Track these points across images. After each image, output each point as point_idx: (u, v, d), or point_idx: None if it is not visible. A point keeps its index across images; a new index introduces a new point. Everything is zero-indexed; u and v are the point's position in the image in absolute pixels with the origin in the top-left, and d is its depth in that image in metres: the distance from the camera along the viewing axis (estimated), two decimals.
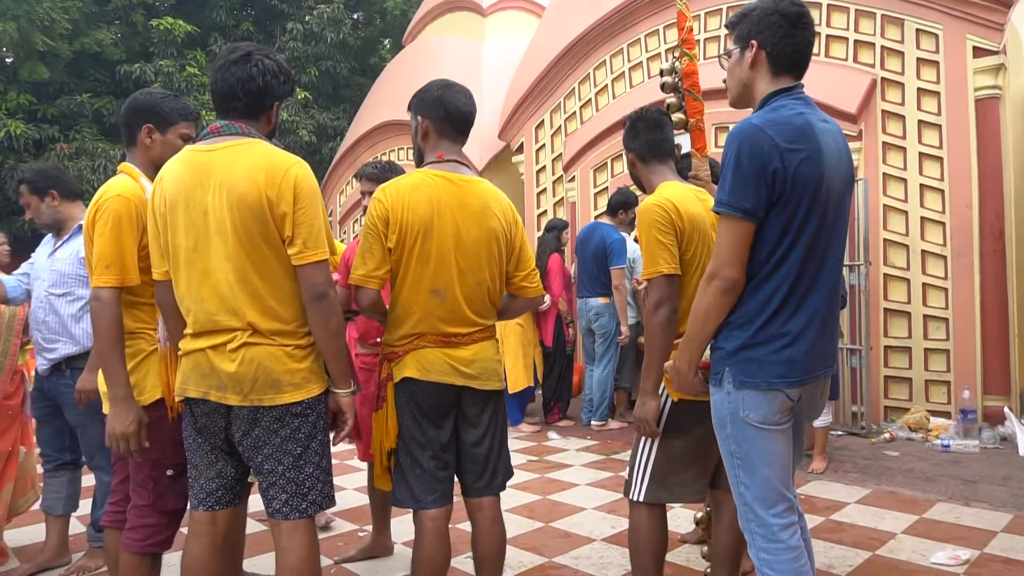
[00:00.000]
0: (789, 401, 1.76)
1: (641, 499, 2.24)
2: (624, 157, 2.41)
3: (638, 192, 3.40)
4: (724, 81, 1.95)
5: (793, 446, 1.89)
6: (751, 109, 1.91)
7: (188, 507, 2.00)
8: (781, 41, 1.79)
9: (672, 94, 2.55)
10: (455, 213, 2.15)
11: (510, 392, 5.58)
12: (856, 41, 5.73)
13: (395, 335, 2.17)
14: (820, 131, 1.75)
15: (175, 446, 2.12)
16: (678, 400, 2.16)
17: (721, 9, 6.36)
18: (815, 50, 5.83)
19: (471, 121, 2.29)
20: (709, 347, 1.86)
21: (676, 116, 2.49)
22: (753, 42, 1.81)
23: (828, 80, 5.75)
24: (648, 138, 2.37)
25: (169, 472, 2.13)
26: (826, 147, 1.74)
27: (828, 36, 5.86)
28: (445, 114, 2.23)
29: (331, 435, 2.03)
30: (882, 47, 5.61)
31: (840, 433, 5.39)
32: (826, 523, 3.50)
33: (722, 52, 1.93)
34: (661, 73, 2.56)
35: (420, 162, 2.30)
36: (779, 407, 1.74)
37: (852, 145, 5.65)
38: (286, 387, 1.86)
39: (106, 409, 2.13)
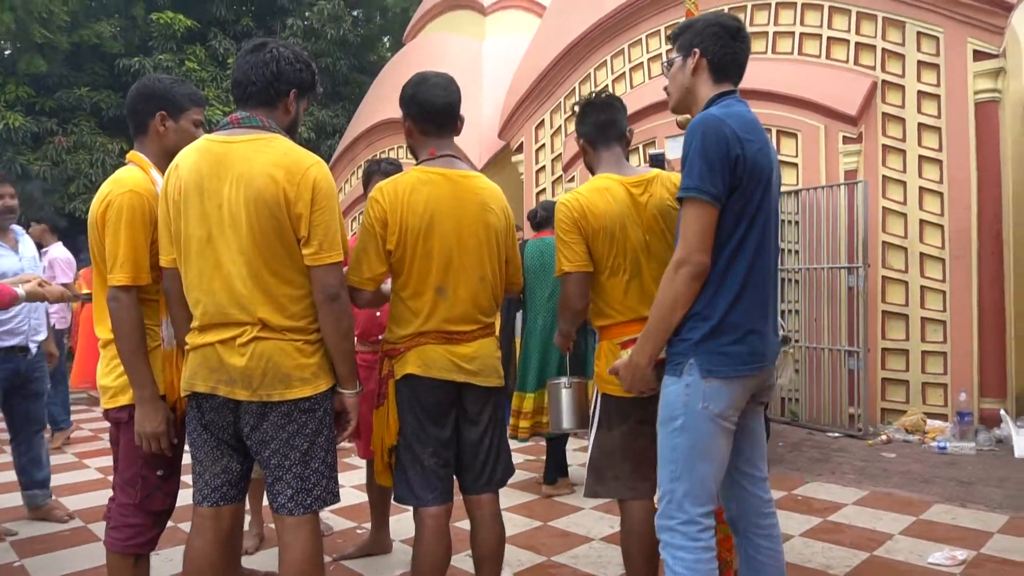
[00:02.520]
0: (745, 394, 1.81)
1: (584, 494, 2.30)
2: (580, 146, 2.39)
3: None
4: (665, 89, 2.04)
5: (755, 437, 1.95)
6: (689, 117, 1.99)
7: (192, 502, 1.98)
8: (721, 51, 1.90)
9: None
10: (455, 210, 2.14)
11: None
12: (857, 43, 5.75)
13: (399, 333, 2.17)
14: (761, 127, 1.87)
15: (170, 446, 2.09)
16: (606, 394, 2.22)
17: (723, 10, 6.37)
18: (816, 52, 5.92)
19: (452, 111, 2.24)
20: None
21: (682, 117, 2.49)
22: (696, 50, 1.90)
23: (829, 82, 5.78)
24: (596, 119, 2.32)
25: (159, 472, 2.09)
26: (770, 143, 1.86)
27: (829, 38, 5.88)
28: (420, 111, 2.21)
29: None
30: (883, 50, 5.63)
31: (837, 435, 5.41)
32: (824, 524, 3.51)
33: (664, 62, 2.01)
34: (665, 88, 2.56)
35: (416, 160, 2.28)
36: (737, 399, 1.78)
37: (851, 147, 5.69)
38: (295, 382, 1.85)
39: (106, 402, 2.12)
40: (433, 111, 2.21)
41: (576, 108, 2.41)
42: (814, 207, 5.72)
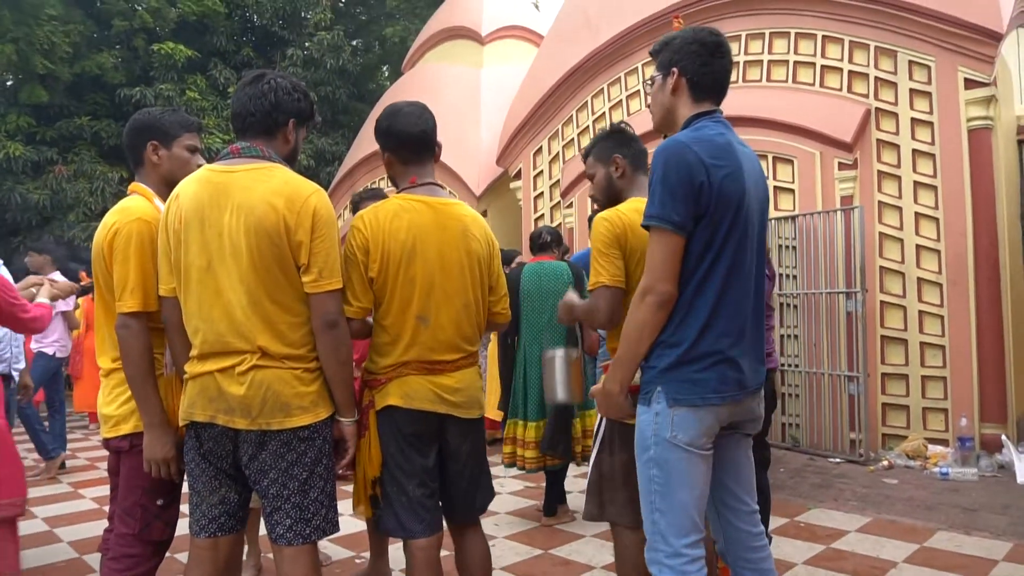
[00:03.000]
0: (717, 423, 1.76)
1: (583, 517, 2.29)
2: (604, 169, 2.37)
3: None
4: (648, 105, 2.03)
5: (739, 470, 1.89)
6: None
7: (189, 533, 1.96)
8: (701, 69, 1.87)
9: None
10: (437, 237, 2.13)
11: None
12: (850, 72, 5.83)
13: (380, 363, 2.13)
14: (739, 152, 1.82)
15: (178, 471, 2.08)
16: (609, 419, 2.20)
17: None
18: (810, 80, 6.00)
19: (427, 139, 2.24)
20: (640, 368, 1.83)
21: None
22: (674, 69, 1.88)
23: (823, 110, 5.84)
24: (639, 148, 2.38)
25: (159, 501, 2.08)
26: (745, 166, 1.81)
27: (823, 67, 5.97)
28: (397, 143, 2.22)
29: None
30: (876, 78, 5.71)
31: (839, 460, 5.37)
32: (827, 551, 3.47)
33: (646, 80, 2.00)
34: (648, 106, 2.60)
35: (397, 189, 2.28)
36: (708, 427, 1.74)
37: (847, 174, 5.73)
38: (295, 410, 1.85)
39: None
40: (409, 140, 2.21)
41: (619, 127, 2.44)
42: (811, 232, 5.76)
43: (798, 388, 5.88)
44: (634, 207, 2.22)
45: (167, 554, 2.21)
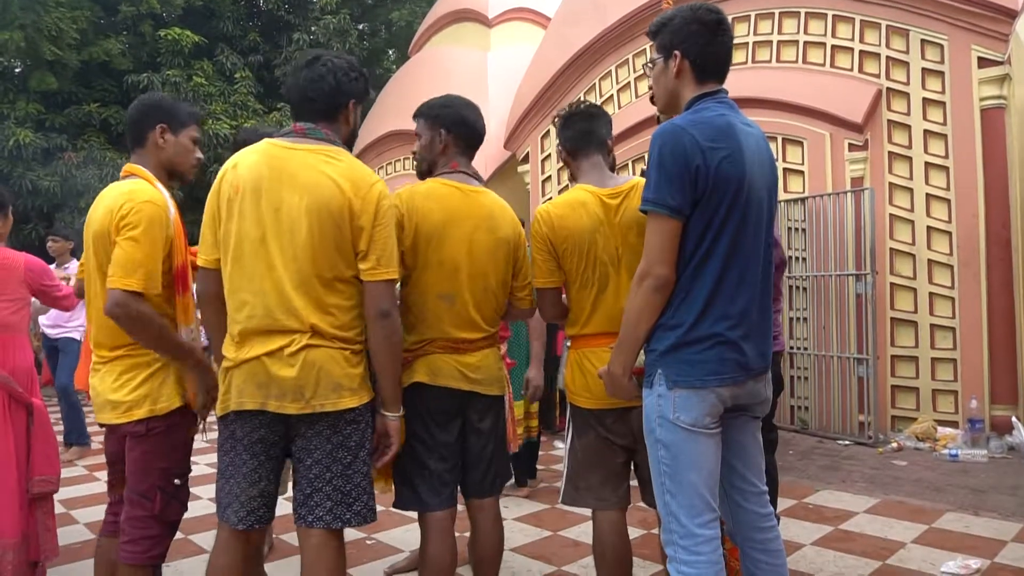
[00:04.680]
0: (720, 404, 1.75)
1: (561, 501, 2.33)
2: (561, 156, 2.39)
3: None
4: (650, 87, 1.99)
5: (747, 451, 1.89)
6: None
7: (221, 520, 1.93)
8: (704, 50, 1.83)
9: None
10: (467, 221, 2.21)
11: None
12: (862, 52, 5.76)
13: (407, 341, 2.18)
14: (741, 132, 1.78)
15: (185, 455, 2.12)
16: (572, 404, 2.27)
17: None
18: (821, 60, 5.93)
19: (483, 139, 2.39)
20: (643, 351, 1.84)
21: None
22: (676, 52, 1.84)
23: (834, 90, 5.79)
24: (575, 128, 2.32)
25: (176, 481, 2.12)
26: (747, 147, 1.78)
27: (834, 47, 5.90)
28: (468, 132, 2.32)
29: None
30: (887, 58, 5.64)
31: (847, 443, 5.38)
32: (835, 532, 3.49)
33: (647, 61, 1.96)
34: (650, 87, 2.58)
35: (427, 171, 2.34)
36: (710, 408, 1.74)
37: (858, 155, 5.69)
38: (345, 391, 1.83)
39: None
40: (478, 135, 2.34)
41: (557, 119, 2.40)
42: (821, 214, 5.72)
43: (807, 371, 5.88)
44: (567, 199, 2.26)
45: (180, 535, 2.25)
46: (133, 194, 2.06)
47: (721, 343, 1.73)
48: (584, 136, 2.31)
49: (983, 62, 5.24)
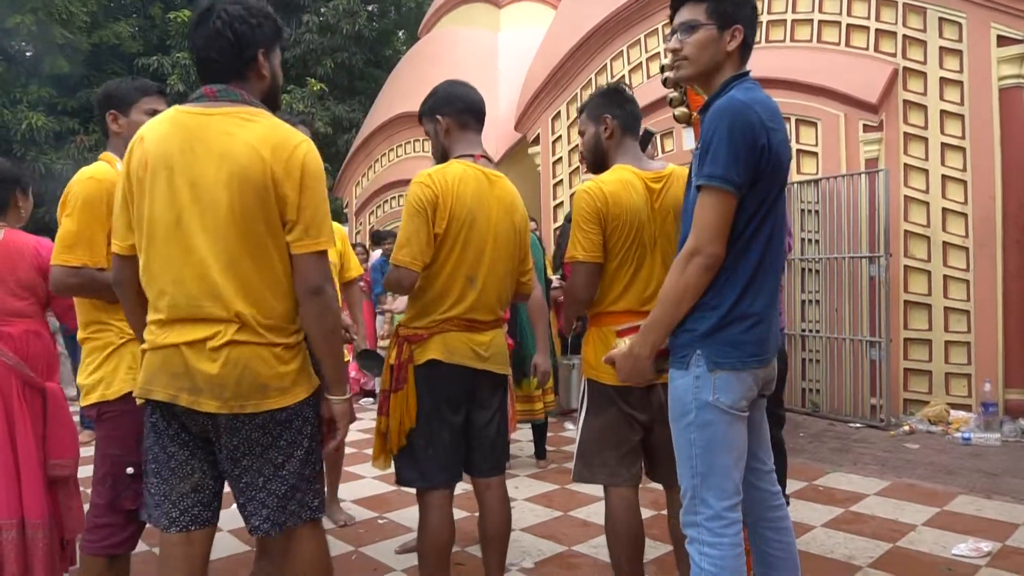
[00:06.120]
0: (755, 385, 1.76)
1: (573, 479, 2.34)
2: (594, 128, 2.33)
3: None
4: (676, 52, 1.81)
5: (757, 429, 1.90)
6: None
7: (157, 528, 1.73)
8: (754, 30, 1.81)
9: (674, 88, 2.56)
10: (491, 205, 2.26)
11: None
12: (877, 30, 5.67)
13: (425, 319, 2.23)
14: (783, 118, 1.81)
15: (139, 443, 1.93)
16: (591, 380, 2.27)
17: None
18: (835, 39, 5.85)
19: (484, 111, 2.38)
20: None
21: (679, 111, 2.50)
22: (739, 26, 1.76)
23: (849, 70, 5.70)
24: (632, 108, 2.33)
25: (129, 470, 2.04)
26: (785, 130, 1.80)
27: (849, 25, 5.81)
28: (463, 106, 2.32)
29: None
30: (904, 36, 5.54)
31: (859, 425, 5.36)
32: (845, 514, 3.49)
33: (683, 22, 1.79)
34: (662, 69, 2.56)
35: (443, 159, 2.35)
36: (747, 390, 1.74)
37: (872, 136, 5.62)
38: (272, 392, 1.64)
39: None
40: (475, 105, 2.34)
41: (607, 87, 2.39)
42: (834, 196, 5.67)
43: (819, 353, 5.85)
44: (617, 177, 2.24)
45: (145, 547, 2.17)
46: (79, 174, 2.11)
47: (759, 323, 1.73)
48: (636, 119, 2.34)
49: (1002, 40, 5.14)
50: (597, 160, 2.36)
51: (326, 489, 2.80)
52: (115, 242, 1.72)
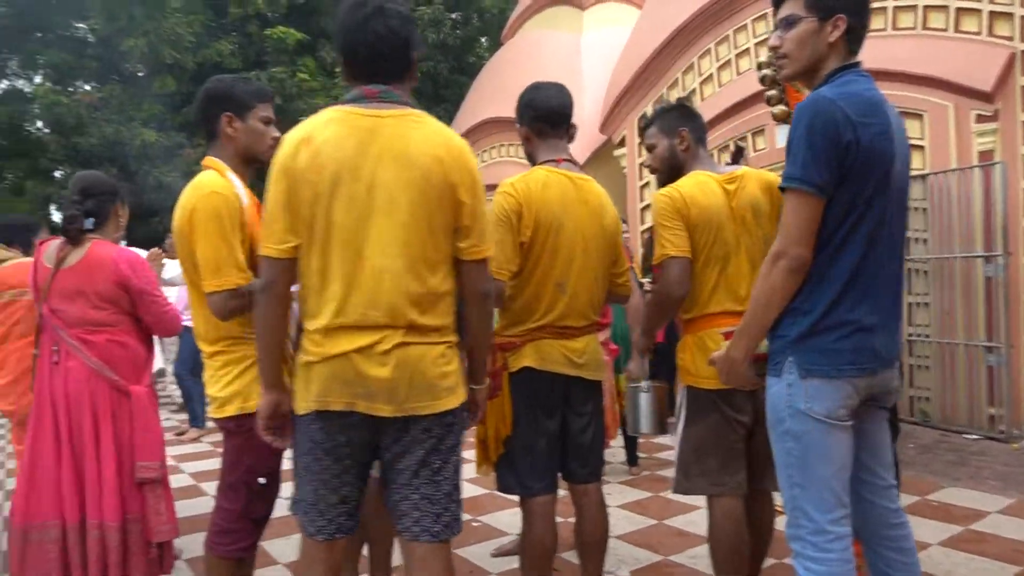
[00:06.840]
0: (855, 394, 1.66)
1: (673, 490, 2.31)
2: (668, 141, 2.41)
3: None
4: (776, 49, 1.77)
5: (874, 443, 1.79)
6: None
7: (303, 533, 1.77)
8: (862, 19, 1.70)
9: (773, 87, 2.48)
10: (579, 210, 2.25)
11: None
12: (991, 12, 5.29)
13: (517, 328, 2.24)
14: (890, 108, 1.69)
15: (273, 454, 2.03)
16: (691, 387, 2.24)
17: None
18: (943, 24, 5.51)
19: (566, 113, 2.34)
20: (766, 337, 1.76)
21: (778, 108, 2.44)
22: (842, 16, 1.67)
23: (958, 57, 5.36)
24: (701, 123, 2.43)
25: (261, 480, 2.09)
26: (895, 124, 1.68)
27: (959, 9, 5.45)
28: (535, 115, 2.32)
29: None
30: (1022, 17, 5.16)
31: (976, 437, 5.02)
32: (965, 533, 3.27)
33: (784, 17, 1.73)
34: (759, 67, 2.50)
35: (532, 164, 2.38)
36: (844, 399, 1.64)
37: (987, 127, 5.26)
38: (441, 392, 1.67)
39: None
40: (550, 111, 2.32)
41: (674, 103, 2.48)
42: (944, 192, 5.33)
43: (928, 360, 5.51)
44: (693, 180, 2.29)
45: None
46: (197, 188, 2.01)
47: (858, 330, 1.64)
48: (704, 131, 2.44)
49: None
50: (673, 172, 2.40)
51: None
52: (271, 245, 1.64)
